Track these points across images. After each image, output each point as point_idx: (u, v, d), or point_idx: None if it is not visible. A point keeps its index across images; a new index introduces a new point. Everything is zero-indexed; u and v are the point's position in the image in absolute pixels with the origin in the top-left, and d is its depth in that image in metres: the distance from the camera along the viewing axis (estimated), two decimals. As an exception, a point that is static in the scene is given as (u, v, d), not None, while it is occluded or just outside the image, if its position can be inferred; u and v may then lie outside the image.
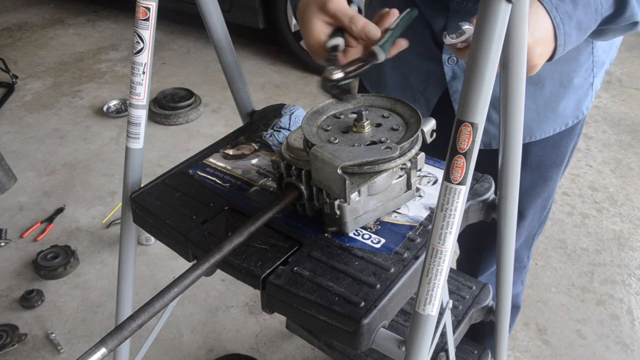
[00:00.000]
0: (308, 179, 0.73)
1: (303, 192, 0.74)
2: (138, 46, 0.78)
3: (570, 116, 1.00)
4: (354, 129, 0.74)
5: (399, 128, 0.74)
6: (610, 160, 2.77)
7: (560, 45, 0.73)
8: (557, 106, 0.97)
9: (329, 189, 0.67)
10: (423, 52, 0.97)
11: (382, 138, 0.72)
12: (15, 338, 1.81)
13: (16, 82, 3.44)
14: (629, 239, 2.29)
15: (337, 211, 0.71)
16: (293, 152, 0.74)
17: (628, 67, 3.65)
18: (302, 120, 0.75)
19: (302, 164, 0.73)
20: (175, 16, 4.01)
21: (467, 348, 1.27)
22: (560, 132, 1.01)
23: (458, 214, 0.55)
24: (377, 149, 0.68)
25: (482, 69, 0.49)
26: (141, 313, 0.59)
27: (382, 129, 0.74)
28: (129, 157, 0.86)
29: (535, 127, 0.99)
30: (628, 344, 1.84)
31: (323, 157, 0.65)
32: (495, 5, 0.47)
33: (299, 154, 0.74)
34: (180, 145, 2.88)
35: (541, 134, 1.00)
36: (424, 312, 0.59)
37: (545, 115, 0.98)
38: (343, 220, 0.72)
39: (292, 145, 0.75)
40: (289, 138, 0.76)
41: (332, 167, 0.64)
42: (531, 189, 1.10)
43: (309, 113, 0.77)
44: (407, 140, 0.71)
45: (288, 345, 1.83)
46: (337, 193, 0.66)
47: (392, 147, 0.68)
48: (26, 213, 2.41)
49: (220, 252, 0.66)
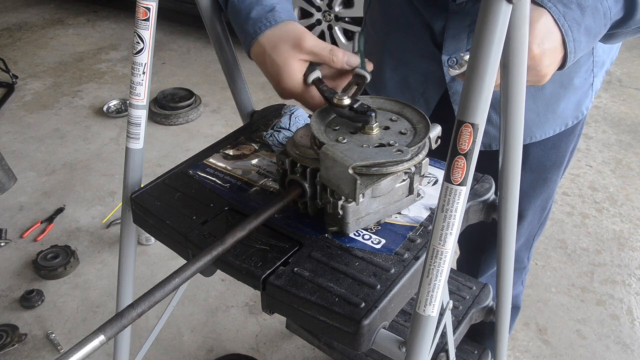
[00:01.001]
0: (313, 177, 0.73)
1: (306, 190, 0.74)
2: (138, 46, 0.78)
3: (570, 117, 1.00)
4: (363, 131, 0.74)
5: (407, 132, 0.74)
6: (610, 160, 2.77)
7: (570, 52, 0.72)
8: (557, 107, 0.97)
9: (337, 188, 0.67)
10: (422, 53, 0.96)
11: (390, 141, 0.72)
12: (15, 338, 1.81)
13: (16, 82, 3.44)
14: (629, 239, 2.29)
15: (340, 211, 0.71)
16: (299, 149, 0.74)
17: (628, 67, 3.65)
18: (312, 118, 0.75)
19: (307, 162, 0.73)
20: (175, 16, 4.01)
21: (467, 348, 1.27)
22: (560, 132, 1.01)
23: (458, 214, 0.55)
24: (389, 151, 0.68)
25: (482, 69, 0.49)
26: (141, 302, 0.59)
27: (390, 132, 0.74)
28: (129, 157, 0.86)
29: (535, 128, 0.98)
30: (628, 344, 1.84)
31: (334, 156, 0.65)
32: (495, 5, 0.47)
33: (305, 151, 0.74)
34: (180, 145, 2.88)
35: (541, 135, 1.00)
36: (425, 312, 0.59)
37: (545, 116, 0.98)
38: (345, 221, 0.72)
39: (298, 143, 0.74)
40: (296, 135, 0.76)
41: (343, 166, 0.64)
42: (531, 190, 1.09)
43: (318, 111, 0.77)
44: (416, 145, 0.71)
45: (288, 345, 1.83)
46: (346, 193, 0.66)
47: (403, 150, 0.67)
48: (26, 213, 2.41)
49: (223, 245, 0.66)
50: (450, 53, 0.92)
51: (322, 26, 3.36)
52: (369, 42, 1.10)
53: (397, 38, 1.00)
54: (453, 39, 0.91)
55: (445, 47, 0.92)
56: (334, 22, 3.31)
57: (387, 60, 1.03)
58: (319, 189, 0.73)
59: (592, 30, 0.73)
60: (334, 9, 3.27)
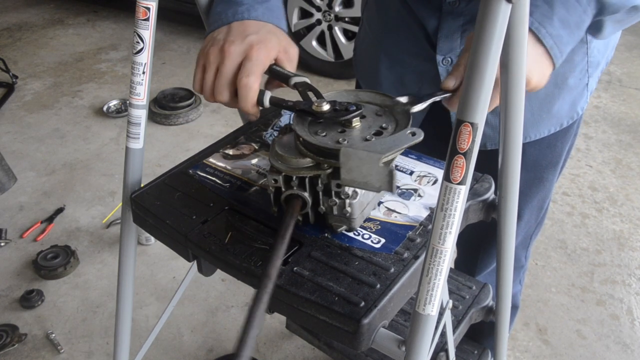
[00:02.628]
0: (312, 185, 0.72)
1: (308, 201, 0.72)
2: (138, 46, 0.78)
3: (565, 117, 1.00)
4: (348, 126, 0.72)
5: (381, 114, 0.73)
6: (610, 160, 2.77)
7: (551, 48, 0.70)
8: (552, 107, 0.97)
9: (365, 185, 0.65)
10: (417, 52, 0.97)
11: (382, 124, 0.71)
12: (15, 338, 1.81)
13: (16, 82, 3.44)
14: (629, 239, 2.29)
15: (349, 209, 0.71)
16: (288, 162, 0.71)
17: (628, 67, 3.65)
18: (298, 131, 0.72)
19: (304, 172, 0.71)
20: (175, 16, 4.01)
21: (467, 348, 1.27)
22: (556, 132, 1.01)
23: (458, 213, 0.55)
24: (403, 135, 0.66)
25: (482, 69, 0.49)
26: None
27: (370, 120, 0.73)
28: (129, 157, 0.86)
29: (530, 128, 0.99)
30: (628, 344, 1.84)
31: (359, 155, 0.63)
32: (495, 5, 0.47)
33: (297, 162, 0.71)
34: (180, 145, 2.88)
35: (536, 135, 1.00)
36: (424, 312, 0.59)
37: (539, 116, 0.98)
38: (353, 217, 0.72)
39: (284, 156, 0.71)
40: (276, 151, 0.73)
41: (373, 161, 0.63)
42: (527, 189, 1.10)
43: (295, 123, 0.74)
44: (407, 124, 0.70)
45: (288, 345, 1.83)
46: (377, 186, 0.64)
47: (416, 132, 0.67)
48: (26, 213, 2.41)
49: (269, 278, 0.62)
50: (444, 53, 0.92)
51: (322, 26, 3.36)
52: (366, 41, 1.10)
53: (393, 37, 1.00)
54: (446, 38, 0.91)
55: (439, 47, 0.92)
56: (334, 22, 3.31)
57: (382, 59, 1.03)
58: (321, 194, 0.72)
59: (570, 20, 0.71)
60: (334, 9, 3.27)
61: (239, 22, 0.78)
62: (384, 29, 1.02)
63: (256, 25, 0.78)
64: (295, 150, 0.72)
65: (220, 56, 0.74)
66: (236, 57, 0.74)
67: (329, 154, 0.69)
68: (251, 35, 0.75)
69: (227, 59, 0.74)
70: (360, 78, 1.15)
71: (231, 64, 0.74)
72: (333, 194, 0.71)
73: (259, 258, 0.71)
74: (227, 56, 0.74)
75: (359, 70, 1.15)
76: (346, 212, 0.72)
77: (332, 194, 0.71)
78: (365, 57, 1.11)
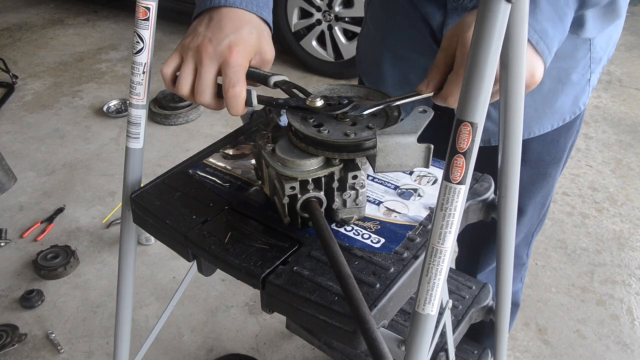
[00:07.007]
0: (328, 182, 0.72)
1: (323, 200, 0.73)
2: (138, 46, 0.78)
3: (568, 112, 1.01)
4: (341, 118, 0.73)
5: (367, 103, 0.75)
6: (610, 160, 2.77)
7: (537, 43, 0.69)
8: (555, 102, 0.98)
9: (401, 167, 0.65)
10: (422, 49, 0.97)
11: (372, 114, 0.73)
12: (15, 338, 1.81)
13: (16, 82, 3.44)
14: (629, 239, 2.29)
15: (361, 198, 0.73)
16: (298, 166, 0.70)
17: (628, 67, 3.65)
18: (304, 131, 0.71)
19: (319, 172, 0.70)
20: (175, 16, 4.01)
21: (467, 348, 1.27)
22: (559, 128, 1.02)
23: (458, 213, 0.55)
24: (415, 114, 0.66)
25: (481, 68, 0.49)
26: None
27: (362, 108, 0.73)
28: (129, 157, 0.86)
29: (533, 123, 0.99)
30: (628, 344, 1.85)
31: (396, 140, 0.63)
32: (494, 4, 0.47)
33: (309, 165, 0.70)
34: (180, 145, 2.88)
35: (539, 130, 1.00)
36: (424, 311, 0.59)
37: (543, 111, 0.98)
38: (364, 205, 0.75)
39: (291, 161, 0.70)
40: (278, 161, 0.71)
41: (410, 143, 0.63)
42: (530, 185, 1.10)
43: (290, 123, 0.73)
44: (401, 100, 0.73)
45: (288, 345, 1.83)
46: (412, 164, 0.65)
47: (426, 109, 0.67)
48: (26, 213, 2.41)
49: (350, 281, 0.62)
50: None
51: (322, 26, 3.36)
52: (369, 38, 1.10)
53: (397, 34, 1.00)
54: None
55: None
56: (334, 22, 3.31)
57: (386, 57, 1.03)
58: (336, 189, 0.72)
59: (553, 13, 0.70)
60: (334, 9, 3.27)
61: (218, 11, 0.76)
62: (388, 26, 1.02)
63: (237, 21, 0.76)
64: (300, 153, 0.71)
65: (198, 56, 0.74)
66: (215, 59, 0.73)
67: (346, 147, 0.69)
68: (230, 35, 0.74)
69: (206, 58, 0.73)
70: (363, 76, 1.15)
71: (210, 67, 0.74)
72: (348, 187, 0.71)
73: (258, 258, 0.71)
74: (205, 56, 0.73)
75: (362, 68, 1.15)
76: (359, 202, 0.73)
77: (346, 187, 0.71)
78: (368, 55, 1.11)
